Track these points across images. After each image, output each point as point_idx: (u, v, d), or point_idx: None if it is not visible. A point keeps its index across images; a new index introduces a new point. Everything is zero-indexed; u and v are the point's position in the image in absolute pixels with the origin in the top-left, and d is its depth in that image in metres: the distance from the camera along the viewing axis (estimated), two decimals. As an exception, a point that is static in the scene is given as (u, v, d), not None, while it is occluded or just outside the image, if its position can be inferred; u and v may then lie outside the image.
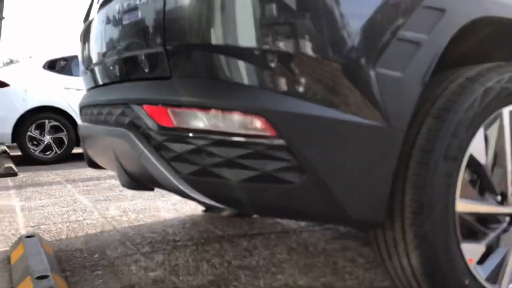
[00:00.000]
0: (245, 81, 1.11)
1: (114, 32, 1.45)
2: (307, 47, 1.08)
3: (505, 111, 1.27)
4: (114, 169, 1.63)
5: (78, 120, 5.83)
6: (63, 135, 5.83)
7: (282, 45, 1.08)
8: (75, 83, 5.92)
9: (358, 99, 1.10)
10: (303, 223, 2.53)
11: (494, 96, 1.23)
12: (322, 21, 1.08)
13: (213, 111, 1.13)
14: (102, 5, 1.63)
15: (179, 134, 1.18)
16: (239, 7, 1.09)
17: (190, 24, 1.15)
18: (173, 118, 1.19)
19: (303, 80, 1.09)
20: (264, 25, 1.08)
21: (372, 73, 1.10)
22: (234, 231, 2.41)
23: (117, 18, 1.41)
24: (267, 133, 1.09)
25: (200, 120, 1.16)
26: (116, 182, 4.21)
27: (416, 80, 1.14)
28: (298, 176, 1.10)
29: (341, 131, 1.11)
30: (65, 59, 6.19)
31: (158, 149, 1.23)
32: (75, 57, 6.19)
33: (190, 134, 1.16)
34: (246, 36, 1.10)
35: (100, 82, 1.72)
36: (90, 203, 3.30)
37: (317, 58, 1.08)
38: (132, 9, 1.30)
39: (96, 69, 1.72)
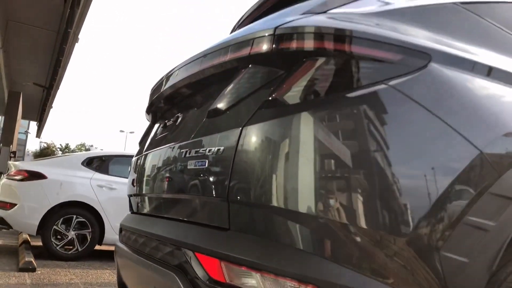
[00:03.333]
0: (303, 246, 1.10)
1: (176, 171, 1.49)
2: (369, 221, 1.07)
3: None
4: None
5: (105, 218, 5.89)
6: (88, 232, 5.81)
7: (341, 215, 1.08)
8: (109, 182, 6.06)
9: (420, 281, 1.06)
10: None
11: None
12: (387, 198, 1.08)
13: (266, 273, 1.11)
14: (165, 141, 1.71)
15: (229, 290, 1.15)
16: (301, 175, 1.12)
17: (255, 182, 1.17)
18: (226, 272, 1.17)
19: (362, 254, 1.06)
20: (326, 194, 1.09)
21: (436, 255, 1.07)
22: None
23: (181, 158, 1.46)
24: (321, 305, 1.05)
25: (253, 280, 1.13)
26: (133, 293, 4.06)
27: (482, 267, 1.10)
28: None
29: (400, 312, 1.06)
30: (103, 157, 6.41)
31: (203, 300, 1.19)
32: (113, 157, 6.43)
33: (240, 292, 1.13)
34: (307, 202, 1.10)
35: (149, 211, 1.74)
36: (106, 316, 3.15)
37: (378, 232, 1.07)
38: (200, 156, 1.35)
39: (148, 198, 1.75)
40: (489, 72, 1.35)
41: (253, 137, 1.21)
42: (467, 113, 1.21)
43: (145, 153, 1.88)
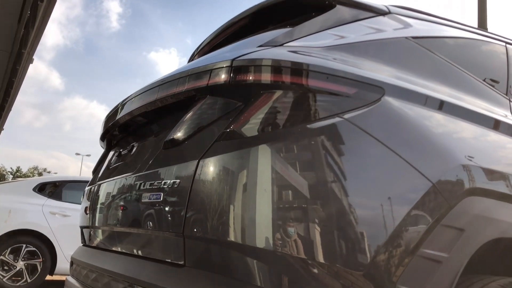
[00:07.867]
0: (261, 283, 1.07)
1: (130, 204, 1.44)
2: (328, 254, 1.06)
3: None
4: None
5: (58, 248, 5.61)
6: (38, 262, 5.52)
7: (300, 249, 1.06)
8: (62, 209, 5.81)
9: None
10: None
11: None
12: (342, 234, 1.08)
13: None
14: (119, 171, 1.65)
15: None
16: (259, 209, 1.09)
17: (212, 216, 1.14)
18: (181, 312, 1.12)
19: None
20: (284, 229, 1.07)
21: (393, 288, 1.08)
22: None
23: (136, 190, 1.40)
24: None
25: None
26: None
27: (437, 299, 1.11)
28: None
29: None
30: (56, 183, 6.17)
31: None
32: (67, 182, 6.19)
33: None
34: (265, 237, 1.08)
35: (101, 245, 1.66)
36: None
37: (333, 267, 1.06)
38: (155, 188, 1.30)
39: (100, 231, 1.68)
40: (440, 105, 1.40)
41: (210, 170, 1.19)
42: (419, 146, 1.24)
43: (99, 183, 1.81)
